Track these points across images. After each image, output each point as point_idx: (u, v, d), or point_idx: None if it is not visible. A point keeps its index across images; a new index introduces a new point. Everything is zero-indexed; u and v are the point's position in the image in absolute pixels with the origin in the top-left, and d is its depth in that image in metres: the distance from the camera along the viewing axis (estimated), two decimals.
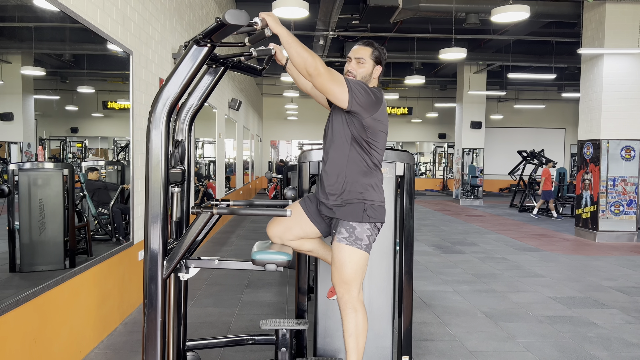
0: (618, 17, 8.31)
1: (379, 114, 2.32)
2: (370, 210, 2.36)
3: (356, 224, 2.35)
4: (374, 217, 2.37)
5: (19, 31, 2.96)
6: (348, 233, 2.35)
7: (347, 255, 2.35)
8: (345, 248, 2.35)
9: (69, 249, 3.37)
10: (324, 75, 2.12)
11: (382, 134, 2.37)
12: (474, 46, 13.47)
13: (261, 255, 2.36)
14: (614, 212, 8.52)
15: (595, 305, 4.75)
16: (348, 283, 2.36)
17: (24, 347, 2.62)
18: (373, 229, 2.40)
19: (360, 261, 2.37)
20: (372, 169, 2.38)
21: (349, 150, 2.35)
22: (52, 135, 3.59)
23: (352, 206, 2.35)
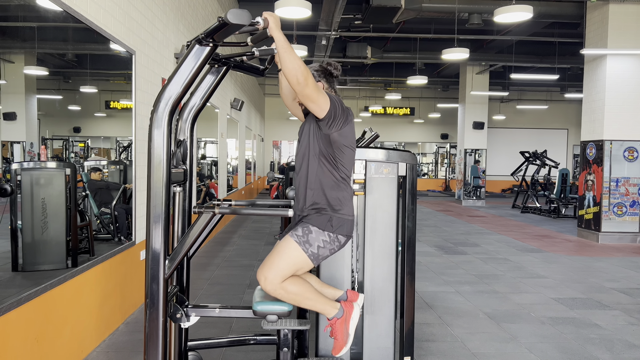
0: (621, 18, 8.29)
1: (345, 130, 2.37)
2: (336, 222, 2.35)
3: (315, 228, 2.34)
4: (337, 230, 2.35)
5: (22, 31, 2.97)
6: (302, 233, 2.34)
7: (287, 249, 2.32)
8: (290, 242, 2.33)
9: (71, 249, 3.37)
10: (311, 86, 2.17)
11: (348, 150, 2.40)
12: (477, 46, 13.46)
13: (262, 306, 2.36)
14: (617, 213, 8.50)
15: (598, 306, 4.73)
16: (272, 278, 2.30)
17: (26, 346, 2.63)
18: (332, 242, 2.37)
19: (297, 261, 2.32)
20: (340, 182, 2.40)
21: (318, 164, 2.38)
22: (55, 135, 3.59)
23: (320, 215, 2.36)
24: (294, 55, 2.12)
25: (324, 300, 2.44)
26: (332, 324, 2.45)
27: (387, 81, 18.59)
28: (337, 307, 2.46)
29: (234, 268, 6.07)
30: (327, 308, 2.44)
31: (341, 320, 2.46)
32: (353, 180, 2.78)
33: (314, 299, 2.40)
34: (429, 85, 19.54)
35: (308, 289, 2.39)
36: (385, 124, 20.95)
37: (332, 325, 2.46)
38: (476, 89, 15.19)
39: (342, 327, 2.46)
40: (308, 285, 2.42)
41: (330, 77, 2.52)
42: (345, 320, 2.47)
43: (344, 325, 2.47)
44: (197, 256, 6.68)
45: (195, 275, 5.60)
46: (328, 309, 2.44)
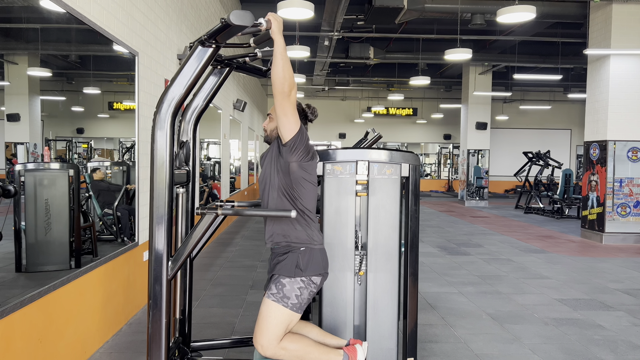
0: (625, 18, 8.27)
1: (307, 165, 2.40)
2: (303, 262, 2.35)
3: (286, 280, 2.34)
4: (307, 271, 2.35)
5: (25, 32, 2.97)
6: (277, 289, 2.35)
7: (270, 311, 2.33)
8: (270, 304, 2.34)
9: (74, 250, 3.38)
10: (292, 100, 2.20)
11: (309, 185, 2.42)
12: (480, 47, 13.44)
13: None
14: (621, 214, 8.47)
15: (602, 307, 4.72)
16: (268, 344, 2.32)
17: (29, 347, 2.63)
18: (307, 285, 2.38)
19: (283, 318, 2.33)
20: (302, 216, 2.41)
21: (277, 197, 2.40)
22: (58, 136, 3.60)
23: (286, 260, 2.37)
24: (288, 64, 2.15)
25: (327, 350, 2.45)
26: None
27: (390, 82, 18.58)
28: (341, 354, 2.47)
29: (236, 269, 6.08)
30: (331, 357, 2.44)
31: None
32: (356, 181, 2.78)
33: (316, 351, 2.40)
34: (432, 86, 19.52)
35: (308, 344, 2.40)
36: (387, 125, 20.93)
37: None
38: (479, 89, 15.17)
39: None
40: (307, 340, 2.43)
41: (304, 118, 2.53)
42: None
43: None
44: (200, 257, 6.69)
45: (198, 276, 5.61)
46: (332, 357, 2.44)
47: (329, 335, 2.61)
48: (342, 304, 2.77)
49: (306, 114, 2.54)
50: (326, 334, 2.61)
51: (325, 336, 2.59)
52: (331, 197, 2.80)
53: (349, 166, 2.79)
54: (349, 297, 2.77)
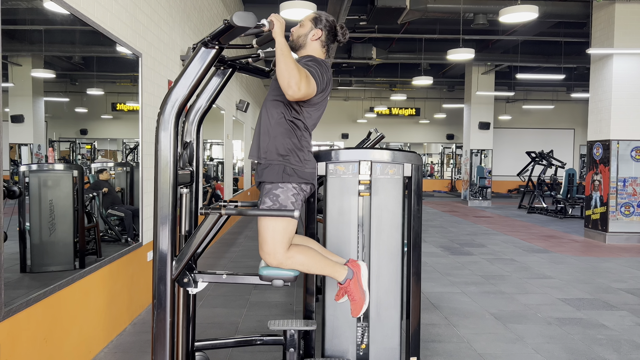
0: (628, 17, 8.25)
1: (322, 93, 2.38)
2: (291, 170, 2.34)
3: (279, 190, 2.33)
4: (295, 177, 2.34)
5: (29, 34, 2.99)
6: (272, 202, 2.33)
7: (270, 222, 2.31)
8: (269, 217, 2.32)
9: (78, 250, 3.40)
10: (304, 89, 2.16)
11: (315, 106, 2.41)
12: (482, 47, 13.43)
13: (268, 271, 2.37)
14: (624, 214, 8.45)
15: (605, 307, 4.71)
16: (274, 251, 2.32)
17: (35, 347, 2.65)
18: (299, 191, 2.37)
19: (284, 226, 2.32)
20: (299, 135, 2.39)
21: (279, 112, 2.37)
22: (62, 137, 3.62)
23: (273, 167, 2.34)
24: (291, 61, 2.11)
25: (332, 264, 2.45)
26: (347, 287, 2.46)
27: (393, 82, 18.58)
28: (346, 269, 2.47)
29: (240, 269, 6.09)
30: (336, 270, 2.44)
31: (354, 280, 2.46)
32: (359, 181, 2.79)
33: (322, 263, 2.41)
34: (435, 86, 19.51)
35: (315, 254, 2.41)
36: (390, 125, 20.92)
37: (346, 288, 2.46)
38: (482, 89, 15.15)
39: (357, 287, 2.47)
40: (314, 252, 2.43)
41: (332, 36, 2.52)
42: (357, 279, 2.48)
43: (358, 284, 2.47)
44: (204, 257, 6.70)
45: None
46: (338, 270, 2.44)
47: (329, 252, 2.61)
48: (345, 304, 2.77)
49: (336, 33, 2.52)
50: (327, 252, 2.62)
51: (326, 253, 2.59)
52: (334, 197, 2.81)
53: (352, 166, 2.79)
54: None
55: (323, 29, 2.49)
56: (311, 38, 2.49)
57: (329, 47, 2.53)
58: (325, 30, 2.49)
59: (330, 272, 2.44)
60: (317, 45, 2.49)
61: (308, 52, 2.47)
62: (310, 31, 2.49)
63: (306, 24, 2.50)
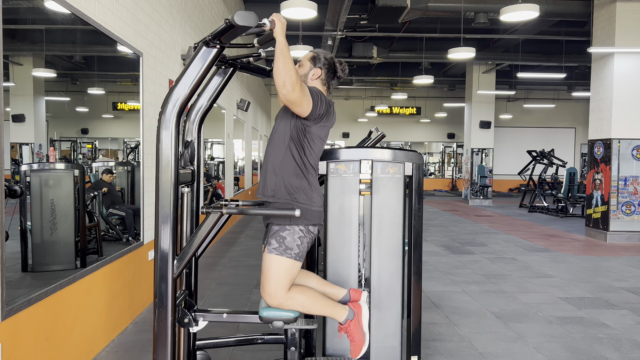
0: (629, 16, 8.24)
1: (325, 124, 2.40)
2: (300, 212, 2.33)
3: (286, 233, 2.33)
4: (303, 219, 2.33)
5: (30, 33, 2.99)
6: (278, 243, 2.33)
7: (274, 264, 2.32)
8: (273, 257, 2.33)
9: (79, 249, 3.40)
10: (297, 92, 2.17)
11: (319, 141, 2.42)
12: (483, 46, 13.41)
13: (268, 313, 2.37)
14: (625, 212, 8.44)
15: (606, 306, 4.71)
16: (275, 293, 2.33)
17: (37, 346, 2.66)
18: (306, 234, 2.37)
19: (288, 268, 2.33)
20: (305, 171, 2.39)
21: (285, 150, 2.38)
22: (63, 137, 3.62)
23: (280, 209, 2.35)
24: (289, 61, 2.13)
25: (333, 304, 2.45)
26: (347, 328, 2.46)
27: (393, 81, 18.56)
28: (347, 309, 2.47)
29: (241, 268, 6.09)
30: (337, 311, 2.45)
31: (354, 322, 2.47)
32: (359, 180, 2.79)
33: (323, 303, 2.41)
34: (435, 85, 19.50)
35: (315, 295, 2.41)
36: (391, 124, 20.92)
37: (346, 329, 2.46)
38: (483, 88, 15.14)
39: (357, 328, 2.47)
40: (314, 292, 2.43)
41: (332, 73, 2.53)
42: (358, 320, 2.48)
43: (358, 325, 2.48)
44: (205, 256, 6.71)
45: (203, 276, 5.63)
46: (339, 312, 2.45)
47: (329, 284, 2.61)
48: None
49: (336, 69, 2.53)
50: (326, 283, 2.62)
51: (325, 285, 2.59)
52: (335, 196, 2.81)
53: (353, 165, 2.79)
54: None
55: (322, 67, 2.50)
56: (311, 77, 2.51)
57: (330, 84, 2.55)
58: (325, 68, 2.51)
59: (331, 313, 2.44)
60: (317, 84, 2.51)
61: None
62: (310, 71, 2.50)
63: (305, 64, 2.52)
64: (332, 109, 2.46)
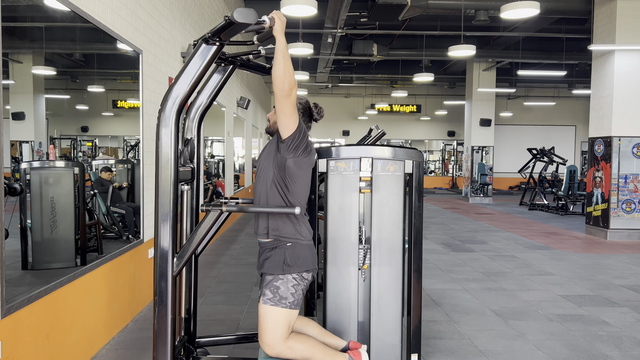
0: (630, 13, 8.22)
1: (303, 162, 2.38)
2: (291, 258, 2.34)
3: (279, 282, 2.33)
4: (295, 267, 2.34)
5: (30, 31, 2.99)
6: (272, 294, 2.33)
7: (270, 314, 2.33)
8: (268, 308, 2.33)
9: (80, 247, 3.40)
10: (292, 99, 2.18)
11: (300, 181, 2.40)
12: (483, 43, 13.39)
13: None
14: (626, 210, 8.44)
15: (606, 303, 4.71)
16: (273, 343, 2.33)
17: (37, 344, 2.66)
18: (300, 282, 2.37)
19: (284, 317, 2.34)
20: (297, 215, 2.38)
21: (269, 189, 2.38)
22: (63, 134, 3.62)
23: (272, 257, 2.36)
24: (289, 63, 2.13)
25: (333, 353, 2.45)
26: None
27: (394, 78, 18.54)
28: (346, 357, 2.47)
29: (241, 266, 6.10)
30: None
31: None
32: (360, 178, 2.79)
33: (322, 353, 2.41)
34: (436, 83, 19.47)
35: (314, 344, 2.41)
36: (391, 122, 20.91)
37: None
38: (483, 85, 15.12)
39: None
40: (313, 340, 2.43)
41: (308, 117, 2.53)
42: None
43: None
44: (205, 254, 6.71)
45: (203, 274, 5.63)
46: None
47: (329, 335, 2.62)
48: (346, 301, 2.78)
49: (312, 112, 2.54)
50: (326, 333, 2.62)
51: (325, 335, 2.59)
52: (335, 194, 2.81)
53: (353, 163, 2.79)
54: (353, 294, 2.78)
55: (299, 114, 2.47)
56: None
57: (307, 127, 2.54)
58: (300, 112, 2.48)
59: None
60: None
61: None
62: None
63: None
64: (314, 149, 2.47)
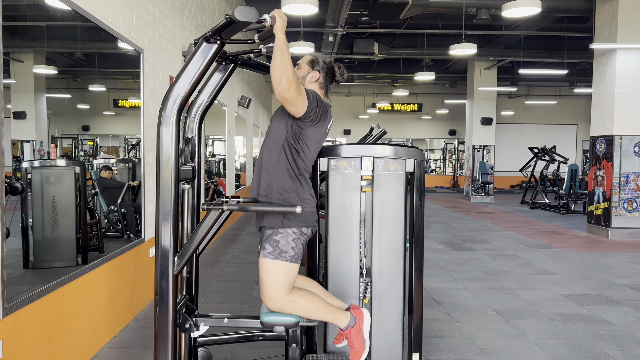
0: (631, 12, 8.20)
1: (318, 131, 2.38)
2: (292, 215, 2.32)
3: (279, 236, 2.32)
4: (295, 221, 2.32)
5: (31, 30, 2.99)
6: (272, 247, 2.32)
7: (271, 268, 2.31)
8: (269, 262, 2.32)
9: (81, 246, 3.40)
10: (293, 90, 2.15)
11: (313, 146, 2.40)
12: (485, 42, 13.37)
13: (269, 318, 2.36)
14: (627, 209, 8.43)
15: (608, 302, 4.71)
16: (275, 296, 2.32)
17: (38, 342, 2.66)
18: (299, 236, 2.36)
19: (285, 271, 2.32)
20: (297, 173, 2.38)
21: (280, 150, 2.36)
22: (64, 134, 3.63)
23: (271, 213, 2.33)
24: (287, 59, 2.11)
25: (335, 310, 2.44)
26: (348, 334, 2.45)
27: (395, 77, 18.52)
28: (349, 315, 2.47)
29: (242, 265, 6.10)
30: (339, 317, 2.44)
31: (355, 328, 2.46)
32: (361, 176, 2.79)
33: (324, 308, 2.40)
34: (437, 82, 19.45)
35: (316, 300, 2.40)
36: (392, 121, 20.89)
37: (347, 335, 2.45)
38: (484, 84, 15.10)
39: (358, 335, 2.46)
40: (316, 296, 2.43)
41: (330, 77, 2.52)
42: (359, 327, 2.47)
43: (359, 332, 2.47)
44: (206, 253, 6.71)
45: (204, 272, 5.63)
46: (340, 317, 2.44)
47: (331, 297, 2.60)
48: (347, 300, 2.78)
49: (334, 73, 2.51)
50: (329, 295, 2.60)
51: (327, 297, 2.58)
52: (336, 193, 2.81)
53: (354, 162, 2.79)
54: (354, 293, 2.78)
55: (321, 71, 2.48)
56: (309, 80, 2.49)
57: (328, 88, 2.53)
58: (323, 72, 2.49)
59: (332, 319, 2.43)
60: (315, 87, 2.49)
61: None
62: (307, 74, 2.49)
63: (303, 67, 2.50)
64: (329, 112, 2.44)
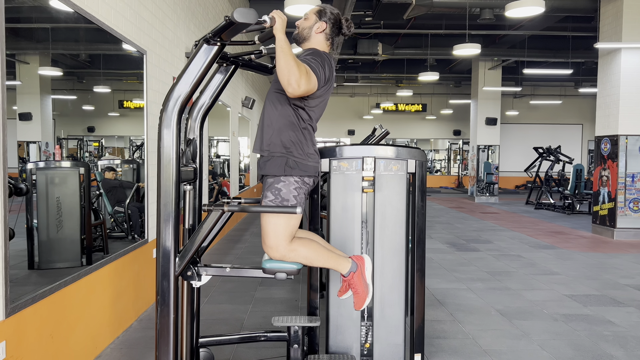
0: (636, 11, 8.16)
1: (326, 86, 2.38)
2: (294, 162, 2.32)
3: (281, 184, 2.32)
4: (297, 170, 2.32)
5: (36, 32, 3.01)
6: (274, 195, 2.32)
7: (273, 217, 2.31)
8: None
9: (85, 247, 3.42)
10: (304, 86, 2.14)
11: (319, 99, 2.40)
12: (489, 42, 13.34)
13: (271, 264, 2.37)
14: (633, 209, 8.38)
15: (612, 303, 4.69)
16: (276, 245, 2.32)
17: (41, 343, 2.68)
18: (302, 185, 2.35)
19: (291, 221, 2.32)
20: (301, 125, 2.37)
21: (282, 105, 2.36)
22: (70, 135, 3.65)
23: (275, 160, 2.33)
24: (291, 58, 2.09)
25: (336, 257, 2.44)
26: (350, 280, 2.45)
27: (399, 78, 18.51)
28: (350, 261, 2.46)
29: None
30: (340, 263, 2.43)
31: (358, 273, 2.46)
32: (362, 177, 2.79)
33: (325, 255, 2.40)
34: (441, 82, 19.42)
35: (318, 247, 2.41)
36: (397, 121, 20.87)
37: (349, 281, 2.46)
38: (488, 84, 15.07)
39: (360, 280, 2.46)
40: (317, 244, 2.43)
41: (337, 29, 2.51)
42: (361, 272, 2.47)
43: (361, 277, 2.47)
44: (210, 254, 6.73)
45: None
46: (341, 263, 2.44)
47: (333, 248, 2.60)
48: (348, 300, 2.78)
49: (341, 26, 2.51)
50: (329, 246, 2.60)
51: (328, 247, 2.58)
52: (337, 194, 2.81)
53: (355, 162, 2.79)
54: None
55: (327, 22, 2.48)
56: (315, 31, 2.48)
57: (334, 40, 2.52)
58: (330, 23, 2.48)
59: (333, 265, 2.43)
60: (321, 38, 2.48)
61: (312, 45, 2.46)
62: (314, 24, 2.47)
63: (310, 17, 2.49)
64: (333, 68, 2.43)
